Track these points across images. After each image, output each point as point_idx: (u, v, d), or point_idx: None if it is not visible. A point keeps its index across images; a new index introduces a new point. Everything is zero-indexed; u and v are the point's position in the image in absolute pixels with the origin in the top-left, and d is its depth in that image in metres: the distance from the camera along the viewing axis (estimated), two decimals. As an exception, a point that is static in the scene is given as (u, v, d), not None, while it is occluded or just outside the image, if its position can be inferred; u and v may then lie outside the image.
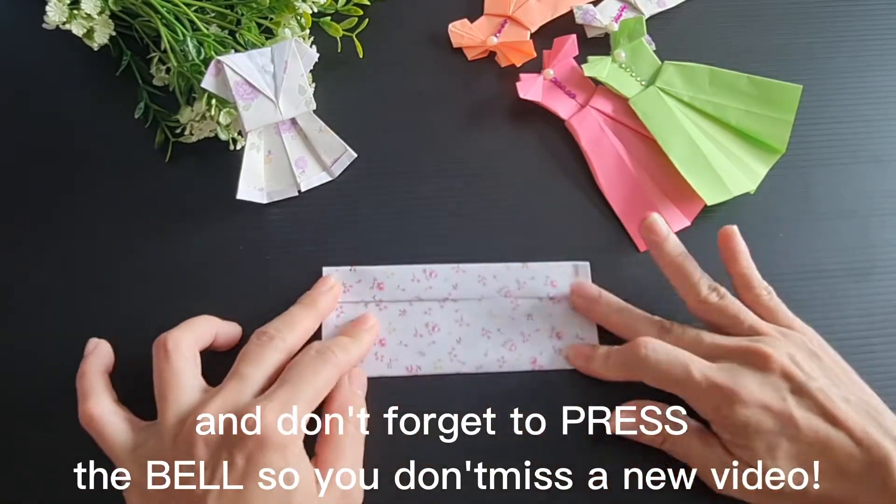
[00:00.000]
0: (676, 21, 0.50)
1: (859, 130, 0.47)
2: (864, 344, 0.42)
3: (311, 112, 0.42)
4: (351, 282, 0.41)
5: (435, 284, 0.41)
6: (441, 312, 0.41)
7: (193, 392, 0.34)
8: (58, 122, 0.46)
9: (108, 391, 0.36)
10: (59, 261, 0.42)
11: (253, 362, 0.35)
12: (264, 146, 0.43)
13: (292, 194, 0.44)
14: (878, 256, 0.44)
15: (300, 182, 0.44)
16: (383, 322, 0.40)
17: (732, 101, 0.46)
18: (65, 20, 0.42)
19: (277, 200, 0.44)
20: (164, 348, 0.35)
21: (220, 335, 0.38)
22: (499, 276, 0.42)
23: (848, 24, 0.50)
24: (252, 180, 0.42)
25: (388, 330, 0.40)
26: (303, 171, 0.44)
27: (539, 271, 0.42)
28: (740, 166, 0.45)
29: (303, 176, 0.44)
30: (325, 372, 0.35)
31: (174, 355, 0.35)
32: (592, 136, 0.46)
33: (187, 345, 0.35)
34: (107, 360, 0.37)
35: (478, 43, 0.48)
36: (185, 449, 0.32)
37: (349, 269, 0.41)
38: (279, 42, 0.42)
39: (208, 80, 0.40)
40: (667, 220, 0.43)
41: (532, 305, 0.41)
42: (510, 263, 0.42)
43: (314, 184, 0.44)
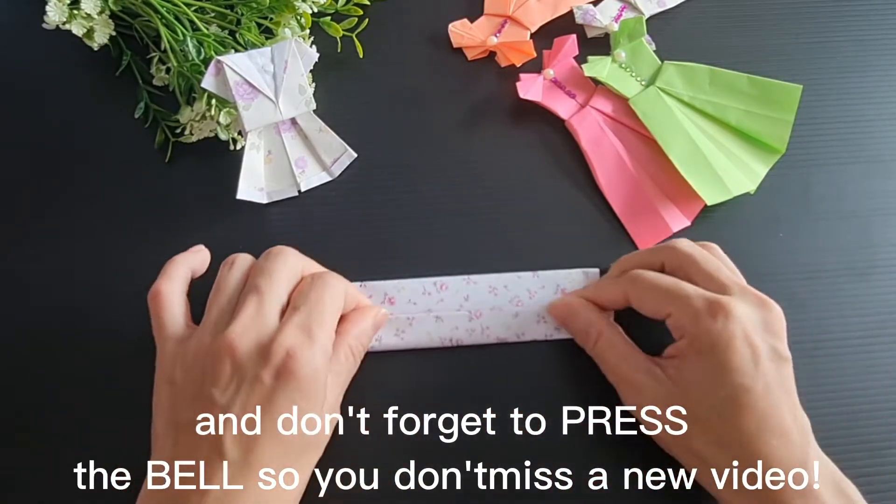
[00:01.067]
0: (676, 21, 0.50)
1: (859, 130, 0.47)
2: (864, 343, 0.42)
3: (311, 112, 0.43)
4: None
5: (446, 297, 0.41)
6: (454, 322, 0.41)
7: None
8: (58, 122, 0.46)
9: (184, 282, 0.37)
10: (58, 260, 0.42)
11: (267, 275, 0.36)
12: (264, 146, 0.43)
13: (292, 194, 0.44)
14: (878, 256, 0.44)
15: (300, 182, 0.44)
16: (391, 329, 0.40)
17: (732, 101, 0.46)
18: (65, 20, 0.42)
19: (277, 200, 0.44)
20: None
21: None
22: (510, 285, 0.41)
23: (848, 24, 0.50)
24: (252, 180, 0.42)
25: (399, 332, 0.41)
26: (303, 171, 0.44)
27: (550, 279, 0.42)
28: (740, 166, 0.45)
29: (303, 176, 0.44)
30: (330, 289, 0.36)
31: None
32: (592, 135, 0.46)
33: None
34: (199, 265, 0.38)
35: (478, 43, 0.48)
36: (215, 359, 0.33)
37: (359, 285, 0.41)
38: (279, 42, 0.42)
39: (208, 79, 0.40)
40: (667, 220, 0.44)
41: (543, 313, 0.41)
42: (521, 273, 0.42)
43: (314, 184, 0.44)
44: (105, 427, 0.39)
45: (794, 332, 0.41)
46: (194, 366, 0.33)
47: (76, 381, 0.39)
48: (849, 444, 0.39)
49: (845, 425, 0.40)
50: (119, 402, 0.39)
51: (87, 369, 0.40)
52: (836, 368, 0.41)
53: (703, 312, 0.35)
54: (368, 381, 0.39)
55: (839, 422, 0.40)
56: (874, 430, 0.40)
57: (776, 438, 0.33)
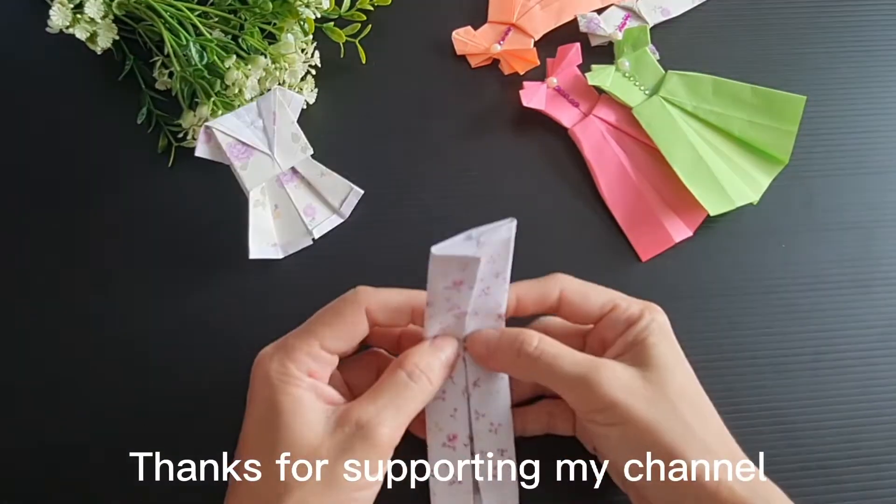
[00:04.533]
0: (680, 30, 0.50)
1: (863, 141, 0.47)
2: (866, 355, 0.41)
3: (310, 157, 0.42)
4: None
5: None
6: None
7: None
8: (60, 126, 0.46)
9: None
10: (59, 264, 0.42)
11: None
12: (269, 201, 0.42)
13: (307, 244, 0.43)
14: (880, 268, 0.44)
15: (312, 230, 0.43)
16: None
17: (736, 111, 0.46)
18: (68, 24, 0.42)
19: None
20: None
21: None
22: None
23: (852, 35, 0.50)
24: (263, 237, 0.41)
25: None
26: (313, 219, 0.43)
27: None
28: (743, 176, 0.45)
29: (314, 223, 0.43)
30: (337, 306, 0.34)
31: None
32: (595, 144, 0.46)
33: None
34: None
35: (481, 50, 0.48)
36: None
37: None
38: (264, 95, 0.41)
39: (201, 147, 0.39)
40: (669, 230, 0.44)
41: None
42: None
43: (327, 229, 0.43)
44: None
45: (796, 344, 0.42)
46: None
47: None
48: (850, 455, 0.39)
49: (846, 437, 0.40)
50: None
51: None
52: (837, 380, 0.41)
53: (645, 305, 0.35)
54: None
55: (840, 433, 0.40)
56: (875, 443, 0.40)
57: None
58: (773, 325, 0.42)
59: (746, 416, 0.40)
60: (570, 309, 0.36)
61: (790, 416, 0.40)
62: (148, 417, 0.39)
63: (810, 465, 0.39)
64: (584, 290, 0.36)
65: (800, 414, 0.40)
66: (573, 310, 0.36)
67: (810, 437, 0.40)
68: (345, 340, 0.34)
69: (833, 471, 0.39)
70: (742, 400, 0.40)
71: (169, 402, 0.39)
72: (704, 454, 0.31)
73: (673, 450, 0.31)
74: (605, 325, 0.35)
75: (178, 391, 0.39)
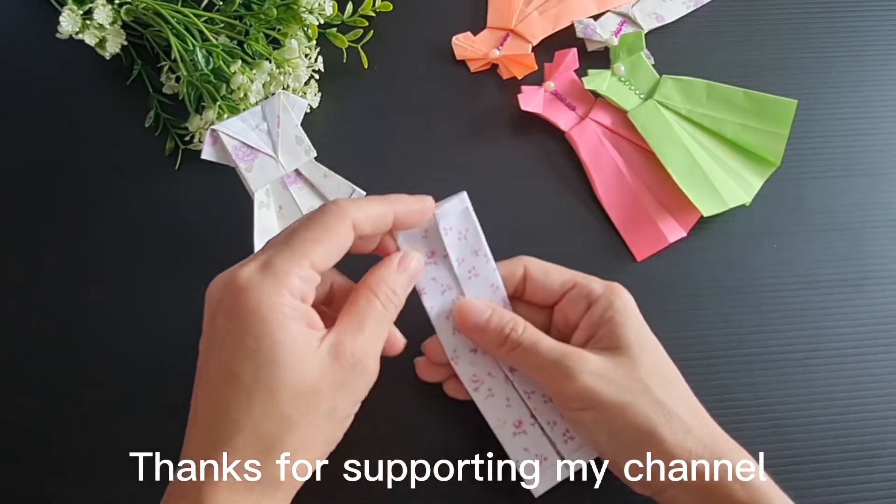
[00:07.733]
0: (675, 36, 0.51)
1: (852, 144, 0.48)
2: (856, 354, 0.42)
3: (313, 159, 0.43)
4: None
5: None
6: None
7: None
8: (69, 130, 0.46)
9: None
10: (67, 265, 0.43)
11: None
12: (274, 202, 0.43)
13: None
14: (870, 267, 0.44)
15: None
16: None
17: (729, 114, 0.47)
18: (78, 30, 0.42)
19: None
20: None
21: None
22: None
23: (842, 41, 0.51)
24: (268, 238, 0.42)
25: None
26: None
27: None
28: (736, 178, 0.46)
29: None
30: (323, 220, 0.31)
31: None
32: (592, 147, 0.47)
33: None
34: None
35: (480, 55, 0.49)
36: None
37: None
38: (268, 99, 0.42)
39: (207, 150, 0.40)
40: (663, 231, 0.44)
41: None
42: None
43: None
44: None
45: (788, 342, 0.42)
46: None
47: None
48: (841, 450, 0.40)
49: (838, 432, 0.40)
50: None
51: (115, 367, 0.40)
52: (828, 377, 0.42)
53: (606, 285, 0.36)
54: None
55: (831, 429, 0.41)
56: (866, 437, 0.40)
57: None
58: (765, 323, 0.43)
59: (739, 413, 0.40)
60: (533, 287, 0.37)
61: (782, 412, 0.41)
62: (149, 418, 0.39)
63: (802, 459, 0.40)
64: (546, 269, 0.38)
65: (792, 409, 0.41)
66: (536, 288, 0.37)
67: (802, 432, 0.40)
68: (333, 256, 0.32)
69: (824, 465, 0.40)
70: (735, 396, 0.41)
71: (173, 403, 0.39)
72: (676, 428, 0.33)
73: (644, 428, 0.33)
74: (566, 302, 0.37)
75: (184, 392, 0.40)
